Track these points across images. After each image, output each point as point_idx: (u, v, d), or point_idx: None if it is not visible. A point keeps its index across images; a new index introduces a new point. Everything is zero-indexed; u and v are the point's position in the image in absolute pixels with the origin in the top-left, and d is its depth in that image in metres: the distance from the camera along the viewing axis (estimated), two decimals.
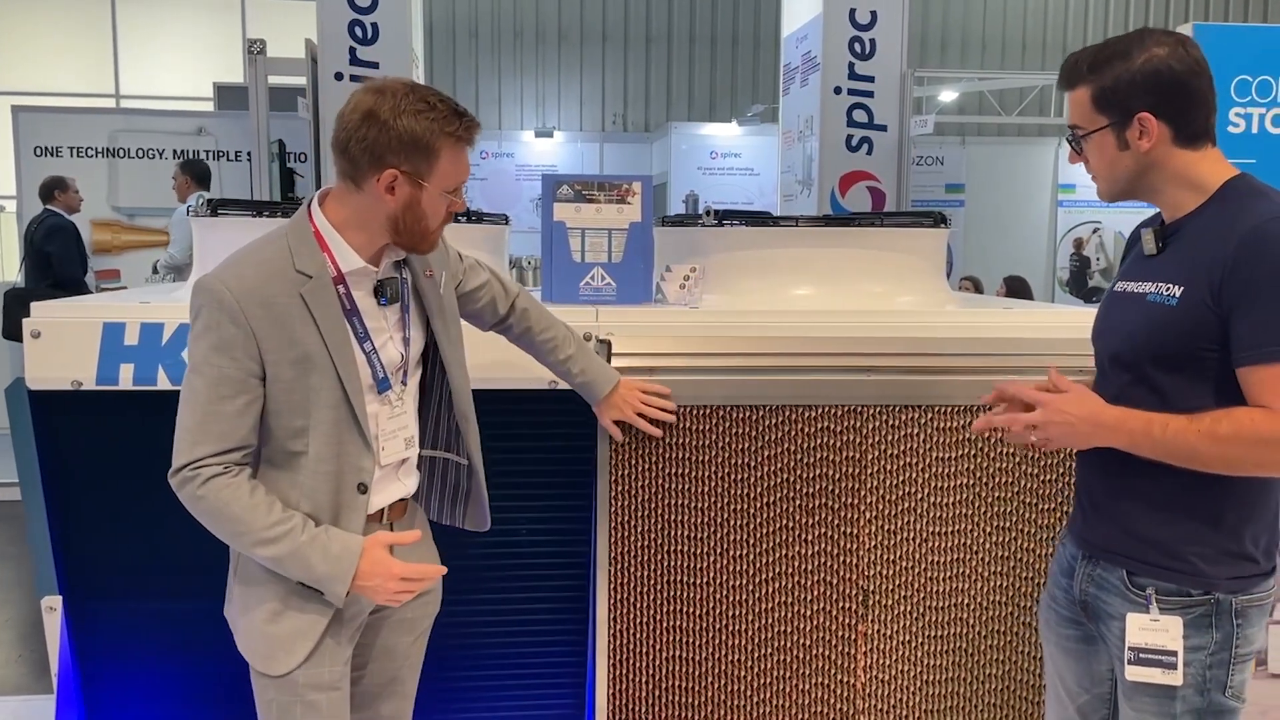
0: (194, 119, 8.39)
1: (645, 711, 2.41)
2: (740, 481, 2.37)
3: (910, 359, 2.39)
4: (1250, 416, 1.60)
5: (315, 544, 1.72)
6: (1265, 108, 2.60)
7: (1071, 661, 1.93)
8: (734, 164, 10.88)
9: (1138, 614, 1.72)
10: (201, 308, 1.71)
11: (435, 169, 1.73)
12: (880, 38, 6.51)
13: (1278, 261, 1.58)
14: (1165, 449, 1.65)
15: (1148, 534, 1.74)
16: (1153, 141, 1.69)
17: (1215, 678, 1.71)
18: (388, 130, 1.68)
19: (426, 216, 1.76)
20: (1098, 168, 1.77)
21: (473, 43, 12.54)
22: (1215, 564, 1.70)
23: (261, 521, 1.70)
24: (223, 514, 1.70)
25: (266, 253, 1.76)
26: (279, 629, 1.80)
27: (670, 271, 2.68)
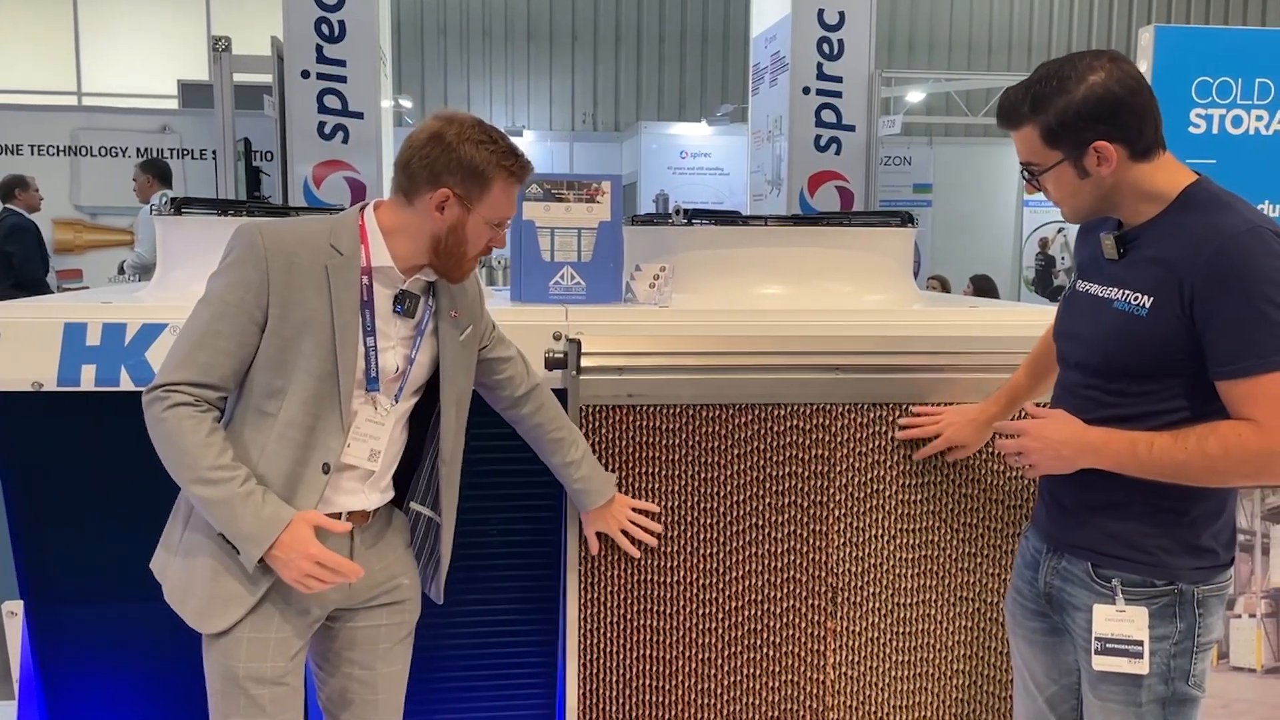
0: (158, 117, 8.29)
1: (616, 711, 2.41)
2: (710, 480, 2.37)
3: (879, 358, 2.40)
4: (1236, 432, 1.63)
5: (249, 500, 1.74)
6: (1225, 108, 2.64)
7: (1039, 653, 1.96)
8: (704, 164, 10.91)
9: (1104, 605, 1.76)
10: (234, 247, 1.80)
11: (486, 198, 1.82)
12: (848, 38, 6.54)
13: (1251, 277, 1.60)
14: (1152, 468, 1.68)
15: (1112, 529, 1.78)
16: (1112, 166, 1.70)
17: (1179, 667, 1.75)
18: (450, 152, 1.79)
19: (467, 242, 1.85)
20: (1060, 198, 1.79)
21: (441, 41, 12.49)
22: (1179, 556, 1.75)
23: (208, 460, 1.73)
24: (175, 442, 1.73)
25: (310, 224, 1.89)
26: (218, 587, 1.82)
27: (640, 271, 2.68)
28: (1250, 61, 2.63)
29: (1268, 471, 1.64)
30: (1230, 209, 1.69)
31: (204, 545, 1.82)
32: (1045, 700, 1.97)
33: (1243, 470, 1.65)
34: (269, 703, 1.83)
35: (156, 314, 2.29)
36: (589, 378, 2.32)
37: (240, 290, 1.76)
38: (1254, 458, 1.62)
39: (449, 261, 1.86)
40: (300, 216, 1.91)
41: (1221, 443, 1.63)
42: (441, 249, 1.84)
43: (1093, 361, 1.79)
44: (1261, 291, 1.59)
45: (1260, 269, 1.60)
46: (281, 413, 1.79)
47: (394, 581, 2.00)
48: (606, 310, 2.54)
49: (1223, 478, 1.69)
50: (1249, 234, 1.62)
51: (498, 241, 1.90)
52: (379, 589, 1.98)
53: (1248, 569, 2.83)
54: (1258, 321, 1.59)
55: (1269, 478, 1.67)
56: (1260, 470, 1.64)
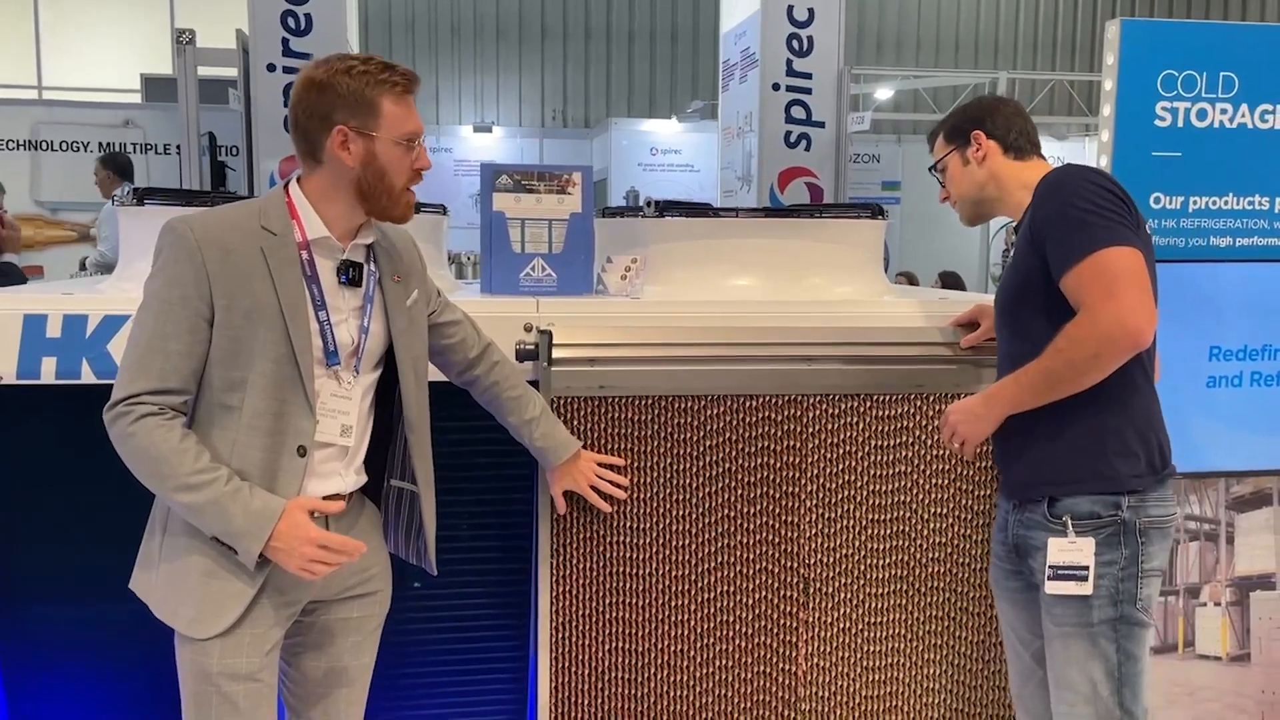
0: (120, 111, 8.16)
1: (588, 702, 2.40)
2: (682, 472, 2.37)
3: (849, 348, 2.41)
4: (1074, 323, 1.89)
5: (238, 497, 1.70)
6: (1190, 102, 2.67)
7: (1019, 611, 2.15)
8: (674, 160, 10.90)
9: (1058, 538, 1.98)
10: (163, 246, 1.74)
11: (381, 119, 1.78)
12: (818, 35, 6.56)
13: (1065, 193, 1.94)
14: (1033, 388, 1.95)
15: (1052, 461, 2.00)
16: (985, 151, 2.15)
17: (1126, 590, 1.96)
18: (327, 90, 1.76)
19: (388, 172, 1.80)
20: (953, 189, 2.23)
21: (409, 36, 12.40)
22: (1112, 464, 1.96)
23: (187, 466, 1.67)
24: (148, 454, 1.68)
25: (236, 210, 1.82)
26: (211, 589, 1.77)
27: (611, 263, 2.67)
28: (1215, 55, 2.66)
29: (1107, 345, 1.85)
30: (1066, 166, 2.04)
31: (188, 551, 1.77)
32: (1031, 655, 2.14)
33: (1088, 350, 1.87)
34: (243, 699, 1.80)
35: (119, 305, 2.25)
36: (561, 369, 2.30)
37: (180, 287, 1.71)
38: (1090, 336, 1.86)
39: (381, 200, 1.81)
40: (225, 205, 1.85)
41: (1066, 338, 1.89)
42: (367, 189, 1.80)
43: (998, 319, 2.15)
44: (1071, 202, 1.91)
45: (1073, 187, 1.93)
46: (246, 404, 1.75)
47: (367, 573, 1.97)
48: (578, 302, 2.53)
49: (1080, 367, 1.89)
50: (1066, 170, 2.00)
51: (421, 162, 1.84)
52: (352, 580, 1.95)
53: (1212, 558, 2.87)
54: (1071, 225, 1.90)
55: (1114, 350, 1.87)
56: (1101, 345, 1.85)
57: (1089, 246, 1.87)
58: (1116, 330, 1.84)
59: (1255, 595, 2.87)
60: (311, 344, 1.79)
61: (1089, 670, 1.96)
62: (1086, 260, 1.86)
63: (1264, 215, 2.75)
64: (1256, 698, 2.87)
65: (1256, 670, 2.87)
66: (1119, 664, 1.95)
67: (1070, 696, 1.98)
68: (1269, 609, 2.87)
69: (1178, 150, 2.66)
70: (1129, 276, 1.85)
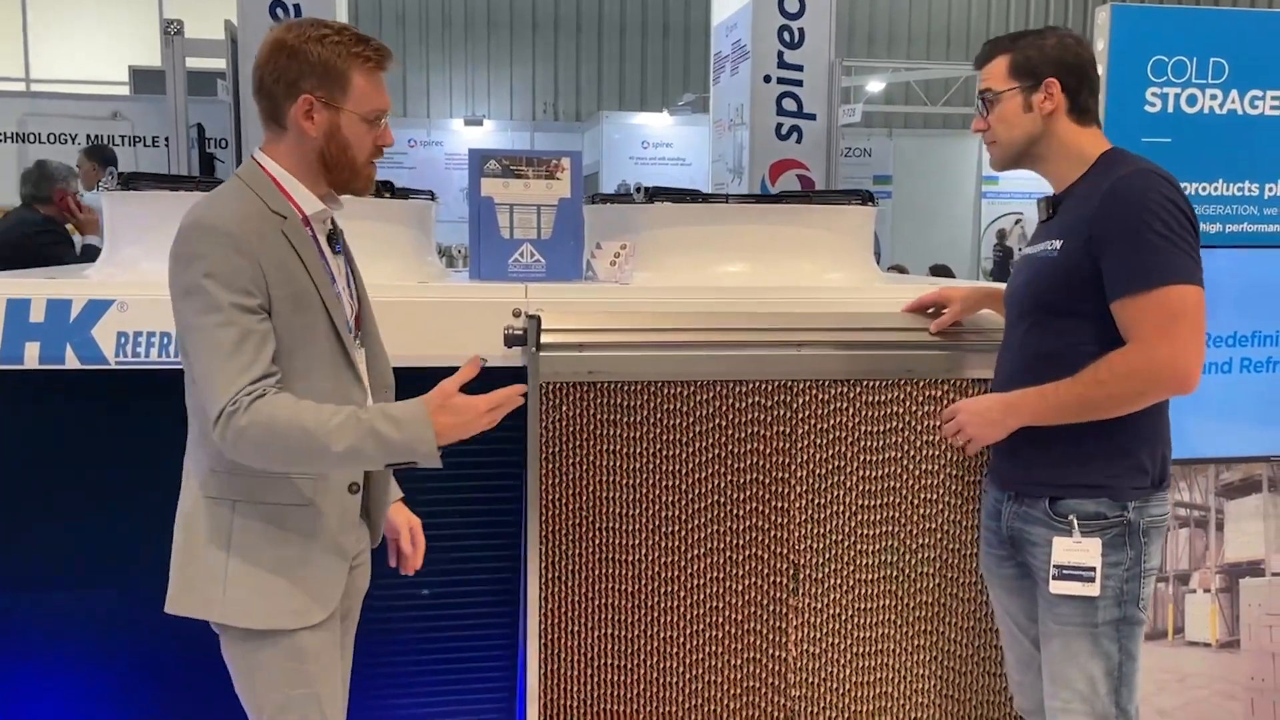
0: (108, 103, 8.10)
1: (577, 689, 2.39)
2: (671, 457, 2.36)
3: (840, 334, 2.40)
4: (1121, 355, 1.83)
5: (381, 418, 1.59)
6: (1180, 87, 2.67)
7: (1015, 598, 2.12)
8: (666, 153, 10.88)
9: (1063, 537, 1.94)
10: (200, 246, 1.62)
11: (349, 92, 1.73)
12: (809, 26, 6.55)
13: (1136, 208, 1.83)
14: (1062, 408, 1.89)
15: (1062, 464, 1.95)
16: (1054, 106, 1.96)
17: (1130, 591, 1.94)
18: (297, 56, 1.70)
19: (351, 145, 1.75)
20: (1000, 130, 2.03)
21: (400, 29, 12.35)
22: (1121, 477, 1.93)
23: (321, 416, 1.57)
24: (276, 430, 1.56)
25: (239, 196, 1.71)
26: (311, 573, 1.74)
27: (601, 249, 2.66)
28: (1205, 41, 2.66)
29: (1153, 385, 1.84)
30: (1128, 163, 1.93)
31: (276, 545, 1.72)
32: (1031, 641, 2.11)
33: (1133, 387, 1.84)
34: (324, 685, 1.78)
35: (103, 290, 2.23)
36: (549, 354, 2.29)
37: (238, 283, 1.61)
38: (1138, 373, 1.82)
39: (343, 173, 1.76)
40: (210, 196, 1.73)
41: (1110, 368, 1.83)
42: (330, 161, 1.75)
43: (1022, 309, 2.02)
44: (1144, 220, 1.81)
45: (1144, 201, 1.82)
46: (313, 388, 1.68)
47: (361, 543, 1.95)
48: (567, 288, 2.51)
49: (1120, 400, 1.86)
50: (1137, 175, 1.87)
51: (384, 139, 1.79)
52: (361, 555, 1.94)
53: (1202, 544, 2.87)
54: (1140, 247, 1.81)
55: (1156, 391, 1.86)
56: (1147, 384, 1.84)
57: (1157, 278, 1.80)
58: (1168, 374, 1.81)
59: (1244, 582, 2.87)
60: (344, 318, 1.78)
61: (1089, 669, 1.94)
62: (1152, 293, 1.80)
63: (1254, 201, 2.74)
64: (1245, 684, 2.87)
65: (1246, 656, 2.87)
66: (1119, 664, 1.94)
67: (1066, 694, 1.96)
68: (1258, 596, 2.87)
69: (1168, 136, 2.66)
70: (1191, 318, 1.80)
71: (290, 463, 1.65)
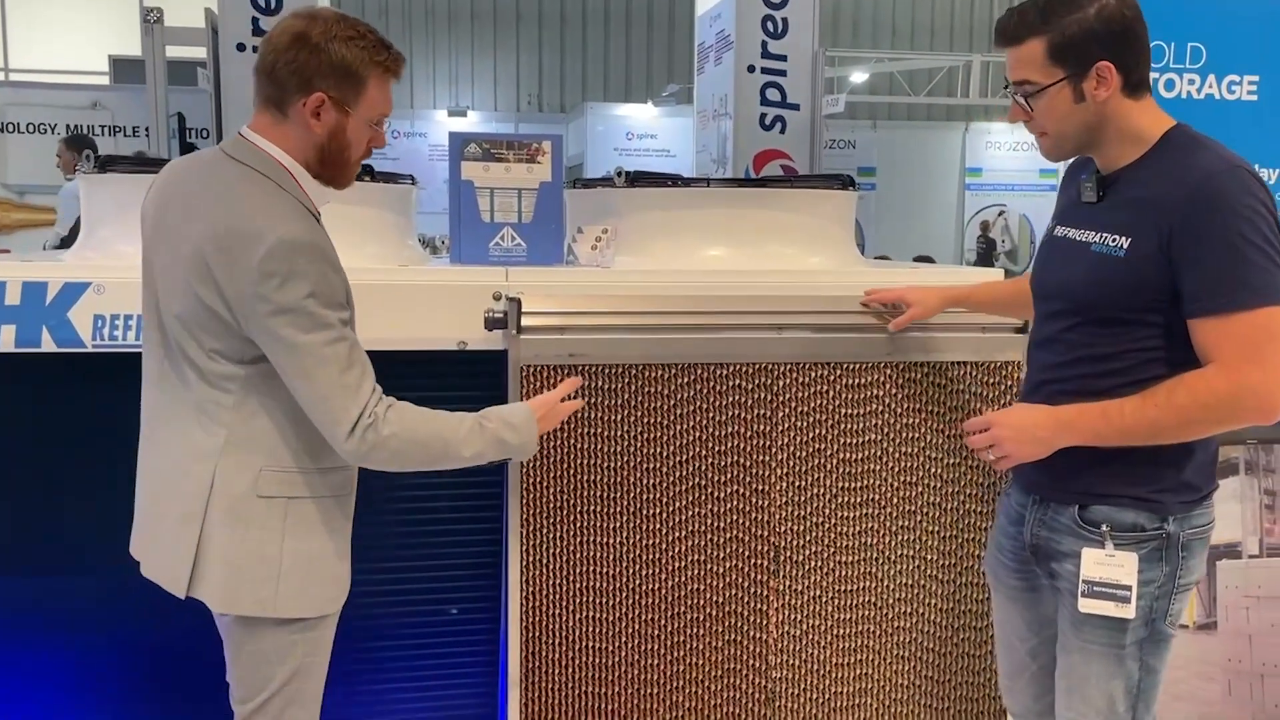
0: (88, 93, 8.05)
1: (558, 672, 2.39)
2: (653, 440, 2.36)
3: (821, 317, 2.40)
4: (1204, 379, 1.63)
5: (503, 426, 1.82)
6: (1159, 72, 2.70)
7: (1020, 609, 1.99)
8: (650, 145, 10.88)
9: (1093, 549, 1.76)
10: (298, 261, 1.62)
11: (362, 98, 1.72)
12: (792, 16, 6.56)
13: (1228, 214, 1.60)
14: (1127, 432, 1.68)
15: (1099, 471, 1.77)
16: (1110, 92, 1.69)
17: (1160, 608, 1.77)
18: (318, 54, 1.67)
19: (350, 147, 1.75)
20: (1049, 124, 1.75)
21: (384, 18, 12.28)
22: (1163, 493, 1.75)
23: (451, 423, 1.76)
24: (417, 440, 1.72)
25: (281, 198, 1.70)
26: (342, 559, 1.83)
27: (582, 233, 2.66)
28: (1183, 26, 2.68)
29: (1238, 413, 1.64)
30: (1209, 150, 1.68)
31: (324, 535, 1.78)
32: (1027, 651, 2.00)
33: (1214, 415, 1.65)
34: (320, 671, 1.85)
35: (79, 273, 2.21)
36: (530, 337, 2.29)
37: (336, 298, 1.67)
38: (1222, 401, 1.62)
39: (334, 170, 1.76)
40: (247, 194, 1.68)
41: (1190, 392, 1.63)
42: (326, 158, 1.74)
43: (1070, 305, 1.79)
44: (1237, 230, 1.59)
45: (1236, 208, 1.60)
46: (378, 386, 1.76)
47: None
48: (548, 271, 2.51)
49: (1196, 428, 1.68)
50: (1227, 173, 1.63)
51: (378, 141, 1.80)
52: None
53: None
54: (1232, 260, 1.60)
55: (1238, 420, 1.66)
56: (1230, 413, 1.64)
57: (1251, 299, 1.59)
58: (1254, 403, 1.62)
59: (1222, 564, 2.89)
60: None
61: (1109, 688, 1.79)
62: (1241, 315, 1.59)
63: None
64: (1223, 665, 2.90)
65: (1223, 638, 2.90)
66: (1139, 680, 1.79)
67: (1082, 708, 1.83)
68: (1235, 578, 2.90)
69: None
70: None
71: (421, 466, 1.77)
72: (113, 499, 2.19)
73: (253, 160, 1.72)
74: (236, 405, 1.70)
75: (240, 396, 1.70)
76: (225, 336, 1.67)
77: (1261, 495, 2.91)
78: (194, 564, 1.73)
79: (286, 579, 1.74)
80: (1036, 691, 2.02)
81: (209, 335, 1.68)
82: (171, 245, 1.71)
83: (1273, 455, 2.91)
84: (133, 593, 1.88)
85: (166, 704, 2.38)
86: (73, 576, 2.32)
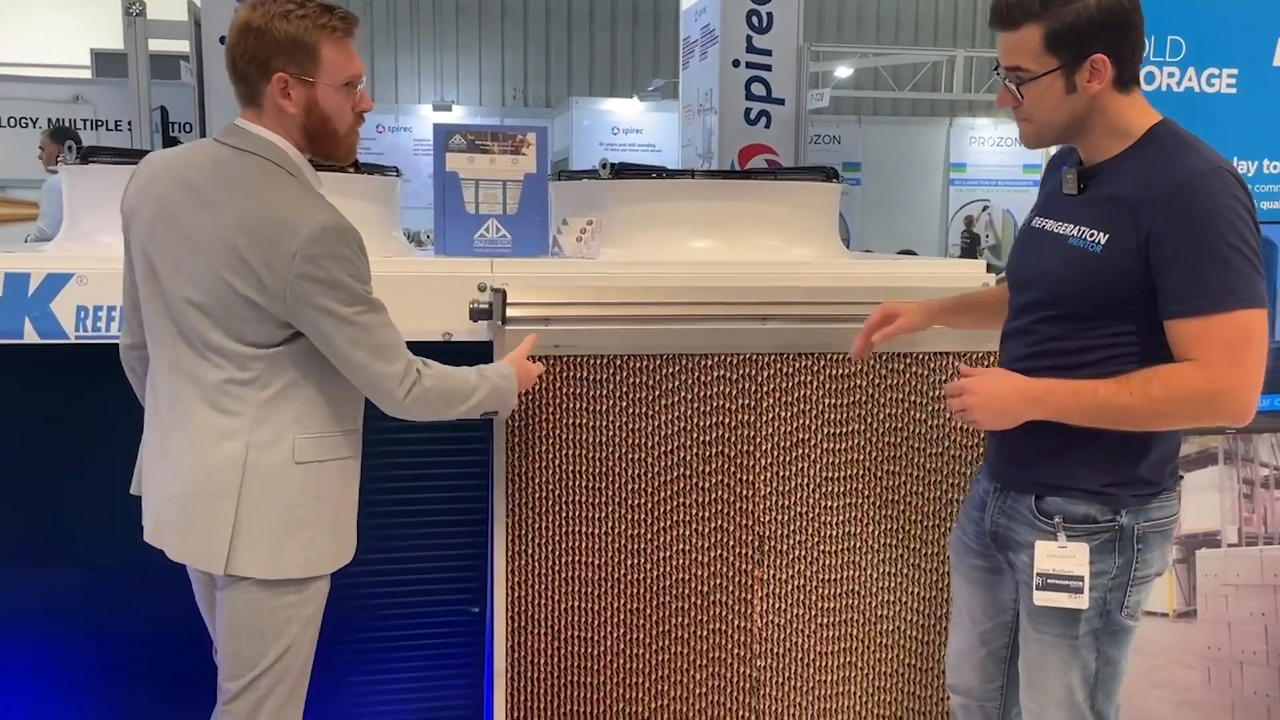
0: (70, 86, 8.00)
1: (544, 662, 2.40)
2: (638, 430, 2.37)
3: (805, 307, 2.42)
4: (1180, 374, 1.63)
5: (492, 371, 1.99)
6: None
7: (978, 591, 2.00)
8: (636, 140, 10.87)
9: (1046, 541, 1.77)
10: (345, 246, 1.74)
11: (321, 65, 1.76)
12: (777, 11, 6.57)
13: (1211, 217, 1.60)
14: (1096, 414, 1.68)
15: (1056, 463, 1.78)
16: (1103, 85, 1.67)
17: (1114, 599, 1.77)
18: (264, 37, 1.72)
19: (331, 118, 1.79)
20: (1037, 112, 1.73)
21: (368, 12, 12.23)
22: (1117, 487, 1.76)
23: (463, 374, 1.92)
24: (447, 389, 1.89)
25: (299, 184, 1.79)
26: (353, 515, 1.93)
27: (567, 224, 2.66)
28: (1163, 19, 2.70)
29: (1210, 412, 1.65)
30: (1193, 149, 1.67)
31: (340, 493, 1.88)
32: (979, 635, 2.02)
33: (1187, 411, 1.65)
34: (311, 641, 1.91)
35: (62, 264, 2.21)
36: (515, 328, 2.29)
37: (366, 271, 1.79)
38: (1197, 398, 1.62)
39: (326, 144, 1.82)
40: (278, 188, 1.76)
41: (1165, 385, 1.63)
42: (312, 134, 1.80)
43: (1044, 297, 1.78)
44: (1218, 232, 1.59)
45: (1219, 210, 1.59)
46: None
47: None
48: (533, 263, 2.52)
49: (1166, 420, 1.68)
50: (1210, 174, 1.62)
51: (362, 104, 1.84)
52: None
53: None
54: (1213, 263, 1.59)
55: (1211, 419, 1.67)
56: (1203, 411, 1.65)
57: (1231, 301, 1.59)
58: (1228, 406, 1.62)
59: (1201, 553, 2.92)
60: None
61: (1067, 679, 1.81)
62: (1221, 317, 1.59)
63: None
64: (1202, 653, 2.93)
65: (1202, 626, 2.93)
66: (1096, 670, 1.80)
67: (1043, 699, 1.85)
68: (1214, 566, 2.93)
69: None
70: (1258, 348, 1.62)
71: (445, 413, 1.91)
72: (96, 489, 2.19)
73: (258, 148, 1.77)
74: (263, 384, 1.77)
75: (267, 376, 1.77)
76: (256, 322, 1.74)
77: (1240, 485, 2.94)
78: (231, 539, 1.77)
79: (324, 538, 1.85)
80: (983, 676, 2.03)
81: (239, 321, 1.74)
82: (183, 236, 1.75)
83: (1251, 445, 2.94)
84: (121, 583, 1.88)
85: (147, 694, 2.38)
86: (55, 568, 2.31)
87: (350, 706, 2.46)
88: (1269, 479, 2.96)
